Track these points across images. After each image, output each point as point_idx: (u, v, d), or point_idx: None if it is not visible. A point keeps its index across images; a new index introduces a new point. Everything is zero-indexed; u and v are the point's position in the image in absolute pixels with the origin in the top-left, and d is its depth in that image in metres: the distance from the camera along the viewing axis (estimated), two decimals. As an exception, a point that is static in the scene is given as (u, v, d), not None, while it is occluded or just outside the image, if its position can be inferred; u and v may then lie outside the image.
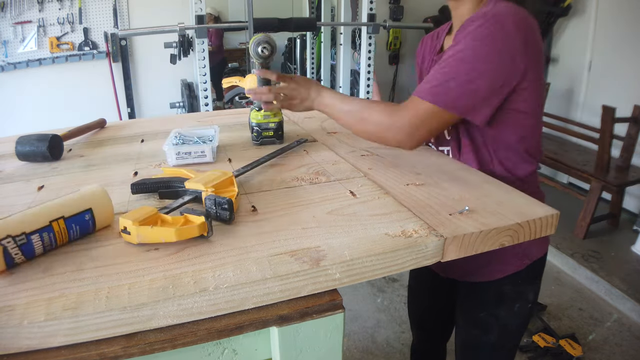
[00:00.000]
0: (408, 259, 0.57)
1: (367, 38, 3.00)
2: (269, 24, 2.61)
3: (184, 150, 0.87)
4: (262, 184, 0.77)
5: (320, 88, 0.94)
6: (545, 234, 0.67)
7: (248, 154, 0.93)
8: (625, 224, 2.88)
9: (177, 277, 0.49)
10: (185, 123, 1.25)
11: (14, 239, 0.50)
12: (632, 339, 2.00)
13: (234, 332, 0.49)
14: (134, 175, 0.83)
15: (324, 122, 1.20)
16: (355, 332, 2.06)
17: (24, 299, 0.46)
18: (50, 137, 0.91)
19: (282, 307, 0.51)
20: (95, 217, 0.59)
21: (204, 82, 2.57)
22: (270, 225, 0.62)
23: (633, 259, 2.53)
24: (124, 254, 0.54)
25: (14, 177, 0.84)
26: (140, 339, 0.46)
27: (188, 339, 0.48)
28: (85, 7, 3.42)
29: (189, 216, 0.58)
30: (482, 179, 0.80)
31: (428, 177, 0.80)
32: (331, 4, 4.09)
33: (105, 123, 1.21)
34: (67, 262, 0.53)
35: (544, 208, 0.68)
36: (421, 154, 0.93)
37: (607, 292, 2.27)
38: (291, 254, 0.54)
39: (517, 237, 0.64)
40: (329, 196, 0.71)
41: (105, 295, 0.46)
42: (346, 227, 0.61)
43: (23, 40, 3.35)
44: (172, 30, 2.60)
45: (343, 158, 0.90)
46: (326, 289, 0.53)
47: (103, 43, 3.51)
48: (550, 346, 1.90)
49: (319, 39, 4.17)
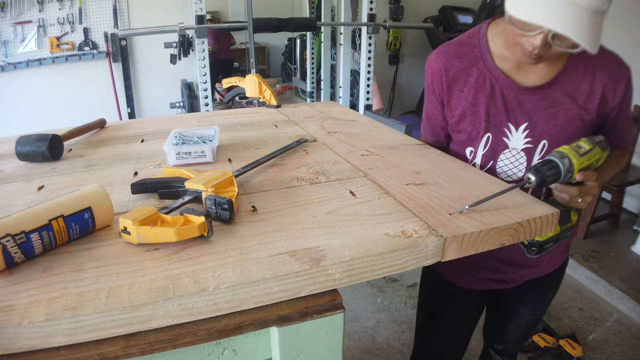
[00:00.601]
0: (408, 259, 0.57)
1: (367, 38, 3.00)
2: (269, 24, 2.62)
3: (184, 150, 0.87)
4: (262, 184, 0.77)
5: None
6: (545, 232, 0.67)
7: (248, 154, 0.93)
8: (625, 224, 2.88)
9: (177, 277, 0.49)
10: (185, 123, 1.25)
11: (14, 237, 0.50)
12: (632, 339, 2.00)
13: (234, 332, 0.49)
14: (134, 175, 0.83)
15: (323, 121, 1.20)
16: (355, 332, 2.06)
17: (24, 299, 0.46)
18: (50, 137, 0.90)
19: (282, 307, 0.51)
20: (94, 216, 0.59)
21: (204, 82, 2.57)
22: (270, 225, 0.62)
23: (633, 259, 2.53)
24: (124, 254, 0.54)
25: (14, 177, 0.84)
26: (140, 339, 0.46)
27: (188, 339, 0.48)
28: (85, 7, 3.42)
29: (189, 216, 0.58)
30: (482, 177, 0.80)
31: (428, 176, 0.80)
32: (331, 4, 4.09)
33: (105, 123, 1.21)
34: (67, 262, 0.53)
35: (543, 207, 0.68)
36: (421, 153, 0.93)
37: (607, 292, 2.27)
38: (291, 254, 0.54)
39: (518, 236, 0.64)
40: (329, 196, 0.71)
41: (105, 295, 0.46)
42: (346, 227, 0.61)
43: (23, 40, 3.35)
44: (172, 30, 2.60)
45: (343, 158, 0.90)
46: (326, 289, 0.53)
47: (103, 43, 3.50)
48: (550, 346, 1.90)
49: (319, 39, 4.17)
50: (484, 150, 0.96)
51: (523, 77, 0.90)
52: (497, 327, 1.23)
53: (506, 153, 0.94)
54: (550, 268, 1.07)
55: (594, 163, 0.80)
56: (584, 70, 0.88)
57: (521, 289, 1.09)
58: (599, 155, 0.81)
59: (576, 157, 0.76)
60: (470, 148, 0.98)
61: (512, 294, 1.13)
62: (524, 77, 0.90)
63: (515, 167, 0.94)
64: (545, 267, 1.06)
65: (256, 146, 0.99)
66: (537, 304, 1.15)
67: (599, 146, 0.81)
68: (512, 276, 1.06)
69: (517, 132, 0.92)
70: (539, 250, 0.86)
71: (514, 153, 0.93)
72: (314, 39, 4.34)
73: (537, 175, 0.74)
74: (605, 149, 0.82)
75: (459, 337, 1.21)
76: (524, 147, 0.92)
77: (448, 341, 1.21)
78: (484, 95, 0.92)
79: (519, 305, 1.15)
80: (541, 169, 0.75)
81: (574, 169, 0.76)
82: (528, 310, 1.15)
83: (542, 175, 0.74)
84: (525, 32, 0.76)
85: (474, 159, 0.98)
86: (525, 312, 1.15)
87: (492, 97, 0.92)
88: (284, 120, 1.23)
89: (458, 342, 1.22)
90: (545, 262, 1.05)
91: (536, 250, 0.86)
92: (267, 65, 6.50)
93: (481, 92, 0.93)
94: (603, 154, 0.82)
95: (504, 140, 0.93)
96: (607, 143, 0.84)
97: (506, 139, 0.93)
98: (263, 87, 1.37)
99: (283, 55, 6.09)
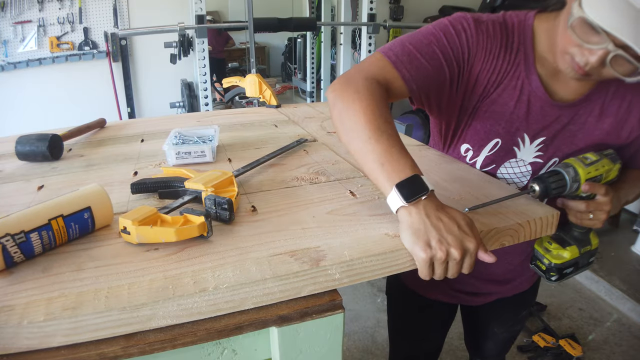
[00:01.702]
0: (408, 259, 0.57)
1: (367, 38, 3.00)
2: (269, 24, 2.62)
3: (183, 150, 0.87)
4: (262, 184, 0.77)
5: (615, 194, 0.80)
6: (545, 233, 0.67)
7: (248, 154, 0.93)
8: (625, 224, 2.88)
9: (176, 277, 0.49)
10: (185, 123, 1.25)
11: (13, 237, 0.50)
12: (632, 339, 2.00)
13: (234, 332, 0.49)
14: (133, 175, 0.83)
15: (323, 121, 1.20)
16: (355, 332, 2.06)
17: (24, 299, 0.46)
18: (50, 136, 0.90)
19: (282, 307, 0.51)
20: (94, 216, 0.59)
21: (204, 82, 2.57)
22: (270, 225, 0.62)
23: (633, 259, 2.54)
24: (124, 254, 0.54)
25: (14, 176, 0.84)
26: (140, 339, 0.46)
27: (188, 339, 0.48)
28: (85, 7, 3.42)
29: (189, 216, 0.58)
30: (482, 178, 0.80)
31: (428, 177, 0.79)
32: (331, 4, 4.10)
33: (105, 123, 1.21)
34: (66, 262, 0.53)
35: (544, 208, 0.68)
36: (421, 154, 0.93)
37: (607, 292, 2.28)
38: (291, 254, 0.54)
39: (518, 237, 0.64)
40: (328, 196, 0.71)
41: (105, 295, 0.46)
42: (346, 227, 0.61)
43: (23, 40, 3.35)
44: (172, 30, 2.60)
45: (343, 158, 0.90)
46: (326, 289, 0.53)
47: (103, 43, 3.50)
48: (550, 346, 1.90)
49: (319, 39, 4.17)
50: (488, 153, 0.86)
51: (556, 87, 0.79)
52: (475, 344, 1.24)
53: (512, 162, 0.85)
54: (521, 288, 1.05)
55: (604, 174, 0.76)
56: (614, 91, 0.79)
57: (493, 307, 1.07)
58: (608, 167, 0.76)
59: (582, 166, 0.73)
60: (466, 145, 0.88)
61: (483, 312, 1.12)
62: (556, 88, 0.80)
63: (518, 177, 0.86)
64: (517, 287, 1.04)
65: (256, 146, 0.99)
66: (510, 322, 1.14)
67: (608, 158, 0.77)
68: (484, 291, 1.03)
69: (531, 145, 0.83)
70: (559, 275, 0.81)
71: (520, 164, 0.85)
72: (314, 39, 4.34)
73: (541, 185, 0.71)
74: (615, 161, 0.78)
75: (431, 342, 1.22)
76: (533, 161, 0.85)
77: (420, 346, 1.22)
78: (510, 95, 0.80)
79: (492, 323, 1.14)
80: (546, 179, 0.72)
81: (579, 178, 0.73)
82: (502, 328, 1.14)
83: (546, 185, 0.71)
84: (584, 43, 0.65)
85: (472, 159, 0.88)
86: (499, 330, 1.15)
87: (519, 101, 0.80)
88: (284, 120, 1.23)
89: (431, 346, 1.22)
90: (517, 282, 1.02)
91: (555, 275, 0.81)
92: (267, 65, 6.51)
93: (507, 90, 0.80)
94: (613, 165, 0.77)
95: (514, 150, 0.84)
96: (617, 155, 0.79)
97: (516, 148, 0.84)
98: (263, 86, 1.37)
99: (283, 55, 6.09)
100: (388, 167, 0.60)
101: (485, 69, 0.78)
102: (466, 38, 0.75)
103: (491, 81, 0.79)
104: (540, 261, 0.83)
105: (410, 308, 1.14)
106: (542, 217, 0.65)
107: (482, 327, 1.17)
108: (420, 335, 1.18)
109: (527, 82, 0.79)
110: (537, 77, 0.78)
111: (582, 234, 0.81)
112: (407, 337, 1.21)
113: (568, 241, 0.81)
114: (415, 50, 0.74)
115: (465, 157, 0.89)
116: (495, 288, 1.03)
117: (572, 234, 0.81)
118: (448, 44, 0.75)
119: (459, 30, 0.75)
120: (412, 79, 0.73)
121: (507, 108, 0.81)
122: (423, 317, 1.13)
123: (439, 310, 1.11)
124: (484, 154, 0.86)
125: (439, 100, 0.82)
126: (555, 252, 0.81)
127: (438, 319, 1.15)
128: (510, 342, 1.22)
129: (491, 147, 0.85)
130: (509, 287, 1.03)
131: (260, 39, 6.14)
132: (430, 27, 0.77)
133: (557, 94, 0.80)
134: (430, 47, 0.74)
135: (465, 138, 0.88)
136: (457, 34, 0.75)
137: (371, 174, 0.62)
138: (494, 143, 0.84)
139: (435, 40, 0.75)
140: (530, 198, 0.72)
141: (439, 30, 0.76)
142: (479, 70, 0.78)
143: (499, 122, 0.82)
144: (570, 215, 0.79)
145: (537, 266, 0.84)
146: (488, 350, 1.20)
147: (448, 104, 0.83)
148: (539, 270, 0.83)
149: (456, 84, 0.78)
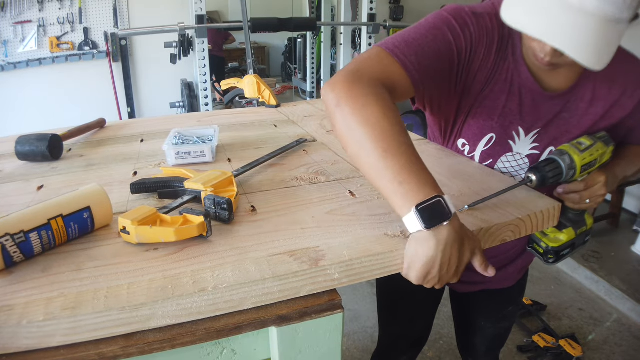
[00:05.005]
0: (407, 259, 0.56)
1: (367, 38, 3.00)
2: (268, 24, 2.62)
3: (183, 150, 0.87)
4: (261, 184, 0.77)
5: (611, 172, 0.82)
6: (547, 226, 0.67)
7: (248, 154, 0.93)
8: (625, 224, 2.88)
9: (176, 277, 0.49)
10: (185, 123, 1.25)
11: (13, 237, 0.50)
12: (632, 339, 2.00)
13: (233, 332, 0.49)
14: (133, 175, 0.83)
15: (323, 120, 1.20)
16: (355, 332, 2.06)
17: (23, 299, 0.46)
18: (50, 136, 0.90)
19: (281, 307, 0.51)
20: (94, 215, 0.59)
21: (204, 82, 2.57)
22: (270, 225, 0.62)
23: (633, 259, 2.53)
24: (123, 254, 0.54)
25: (14, 176, 0.84)
26: (139, 339, 0.46)
27: (187, 339, 0.48)
28: (85, 7, 3.42)
29: (188, 216, 0.58)
30: (482, 172, 0.80)
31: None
32: (331, 4, 4.10)
33: (105, 123, 1.21)
34: (66, 261, 0.53)
35: (545, 200, 0.68)
36: (421, 148, 0.92)
37: (607, 292, 2.27)
38: (290, 254, 0.54)
39: (519, 231, 0.64)
40: (328, 196, 0.71)
41: (104, 295, 0.46)
42: (345, 227, 0.61)
43: (23, 40, 3.35)
44: (172, 30, 2.60)
45: (342, 158, 0.90)
46: (325, 289, 0.53)
47: (103, 43, 3.50)
48: (550, 346, 1.90)
49: (319, 39, 4.17)
50: (484, 148, 0.86)
51: (545, 78, 0.79)
52: (465, 340, 1.25)
53: (508, 156, 0.85)
54: (506, 284, 1.06)
55: (598, 159, 0.77)
56: (603, 74, 0.76)
57: (478, 297, 1.10)
58: (602, 150, 0.77)
59: (577, 153, 0.74)
60: (463, 140, 0.88)
61: (470, 301, 1.15)
62: (545, 79, 0.79)
63: (516, 171, 0.86)
64: (500, 282, 1.05)
65: (256, 146, 0.99)
66: (496, 315, 1.14)
67: (601, 141, 0.77)
68: (469, 280, 1.04)
69: (526, 138, 0.83)
70: (556, 258, 0.82)
71: (517, 158, 0.85)
72: (314, 39, 4.34)
73: (537, 175, 0.72)
74: (608, 144, 0.78)
75: (421, 322, 1.22)
76: (529, 153, 0.84)
77: (410, 327, 1.23)
78: (501, 89, 0.79)
79: (478, 315, 1.15)
80: (542, 168, 0.73)
81: (575, 165, 0.74)
82: (488, 322, 1.15)
83: (543, 174, 0.72)
84: (532, 37, 0.66)
85: (469, 154, 0.88)
86: (486, 323, 1.15)
87: (510, 94, 0.79)
88: (283, 120, 1.23)
89: (421, 324, 1.23)
90: (502, 273, 1.01)
91: (553, 258, 0.82)
92: (267, 65, 6.50)
93: (499, 84, 0.79)
94: (607, 148, 0.78)
95: (509, 144, 0.84)
96: (610, 138, 0.79)
97: (512, 142, 0.84)
98: (262, 87, 1.37)
99: (283, 55, 6.09)
100: (407, 187, 0.55)
101: (483, 66, 0.77)
102: (470, 34, 0.73)
103: (486, 76, 0.78)
104: (538, 244, 0.84)
105: (399, 287, 1.14)
106: (543, 210, 0.65)
107: (470, 318, 1.18)
108: (409, 313, 1.19)
109: (517, 74, 0.78)
110: (526, 69, 0.77)
111: (577, 215, 0.83)
112: (397, 315, 1.21)
113: (564, 224, 0.82)
114: (421, 47, 0.70)
115: (463, 151, 0.89)
116: (480, 277, 1.00)
117: (568, 216, 0.83)
118: (453, 40, 0.72)
119: (462, 26, 0.73)
120: (420, 80, 0.70)
121: (499, 102, 0.80)
122: (412, 296, 1.14)
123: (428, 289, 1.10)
124: (480, 149, 0.86)
125: (440, 98, 0.81)
126: (552, 235, 0.82)
127: (428, 297, 1.15)
128: (500, 341, 1.22)
129: (486, 142, 0.85)
130: (494, 278, 1.02)
131: (260, 39, 6.14)
132: (432, 21, 0.74)
133: (547, 84, 0.79)
134: (435, 44, 0.71)
135: (461, 133, 0.87)
136: (461, 29, 0.73)
137: (385, 191, 0.57)
138: (488, 138, 0.84)
139: (441, 35, 0.72)
140: (530, 190, 0.72)
141: (442, 24, 0.73)
142: (477, 67, 0.77)
143: (492, 117, 0.81)
144: (567, 201, 0.80)
145: (534, 249, 0.85)
146: (478, 345, 1.20)
147: (448, 101, 0.82)
148: (536, 253, 0.84)
149: (456, 80, 0.78)
